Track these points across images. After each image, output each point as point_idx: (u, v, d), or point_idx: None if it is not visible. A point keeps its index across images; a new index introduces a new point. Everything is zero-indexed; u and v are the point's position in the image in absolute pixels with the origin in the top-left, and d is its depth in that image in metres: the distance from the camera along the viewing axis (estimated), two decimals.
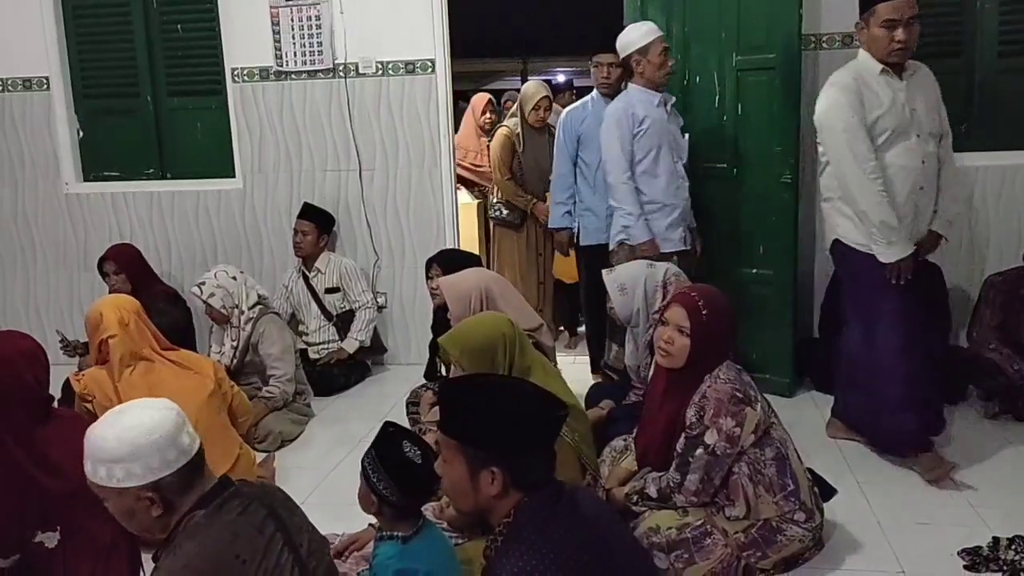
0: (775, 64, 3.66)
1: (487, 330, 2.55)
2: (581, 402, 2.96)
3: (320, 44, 4.38)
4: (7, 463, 2.02)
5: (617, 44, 3.58)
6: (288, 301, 4.48)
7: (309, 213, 4.42)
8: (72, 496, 1.75)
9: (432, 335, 3.81)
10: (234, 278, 3.79)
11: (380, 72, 4.41)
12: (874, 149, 2.94)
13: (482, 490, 1.60)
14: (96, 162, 4.87)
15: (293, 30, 4.39)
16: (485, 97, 5.52)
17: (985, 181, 4.03)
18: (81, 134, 4.85)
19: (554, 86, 8.01)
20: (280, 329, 3.83)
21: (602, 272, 3.21)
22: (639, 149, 3.49)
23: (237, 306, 3.76)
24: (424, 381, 3.76)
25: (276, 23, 4.40)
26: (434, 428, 2.92)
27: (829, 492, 2.64)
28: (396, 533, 1.92)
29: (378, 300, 4.58)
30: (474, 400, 1.65)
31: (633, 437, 2.75)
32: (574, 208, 4.17)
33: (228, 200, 4.70)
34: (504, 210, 4.80)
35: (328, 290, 4.43)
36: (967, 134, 3.94)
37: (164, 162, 4.84)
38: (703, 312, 2.44)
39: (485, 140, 5.32)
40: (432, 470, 1.92)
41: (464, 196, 5.21)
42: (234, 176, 4.70)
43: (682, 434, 2.43)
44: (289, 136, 4.56)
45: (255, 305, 3.80)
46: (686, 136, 3.68)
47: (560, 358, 3.58)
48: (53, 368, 2.22)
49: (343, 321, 4.43)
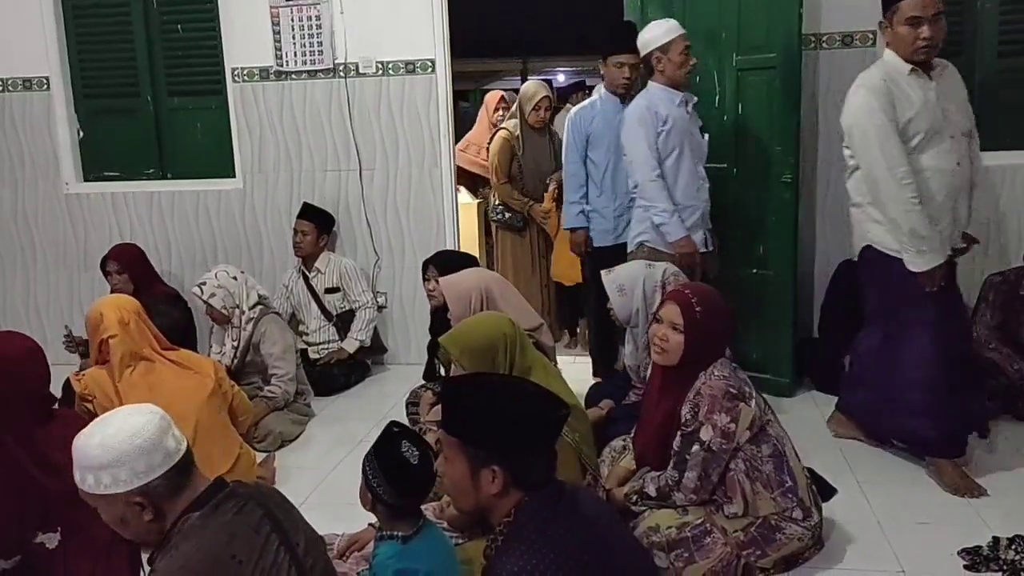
0: (775, 64, 3.65)
1: (488, 330, 2.56)
2: (581, 402, 2.96)
3: (320, 44, 4.38)
4: (8, 463, 2.02)
5: (638, 42, 3.49)
6: (288, 301, 4.48)
7: (309, 213, 4.42)
8: (72, 496, 1.74)
9: (430, 336, 3.81)
10: (235, 278, 3.79)
11: (380, 72, 4.41)
12: (907, 152, 2.82)
13: (483, 489, 1.61)
14: (96, 162, 4.88)
15: (293, 30, 4.39)
16: (498, 94, 5.45)
17: (985, 181, 4.01)
18: (81, 134, 4.85)
19: (563, 87, 8.00)
20: (281, 329, 3.83)
21: (601, 273, 3.21)
22: (662, 149, 3.39)
23: (238, 306, 3.76)
24: (423, 382, 3.76)
25: (276, 23, 4.40)
26: (434, 428, 2.94)
27: (829, 492, 2.64)
28: (396, 533, 1.92)
29: (378, 300, 4.59)
30: (476, 399, 1.66)
31: (631, 437, 2.76)
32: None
33: (228, 200, 4.71)
34: (505, 212, 4.76)
35: (328, 290, 4.43)
36: None
37: (164, 162, 4.85)
38: (697, 309, 2.45)
39: None
40: (429, 471, 1.92)
41: (464, 196, 5.20)
42: (234, 176, 4.70)
43: (678, 432, 2.43)
44: (289, 136, 4.56)
45: (256, 305, 3.80)
46: (706, 136, 3.59)
47: (560, 358, 3.58)
48: (53, 368, 2.22)
49: (343, 321, 4.43)
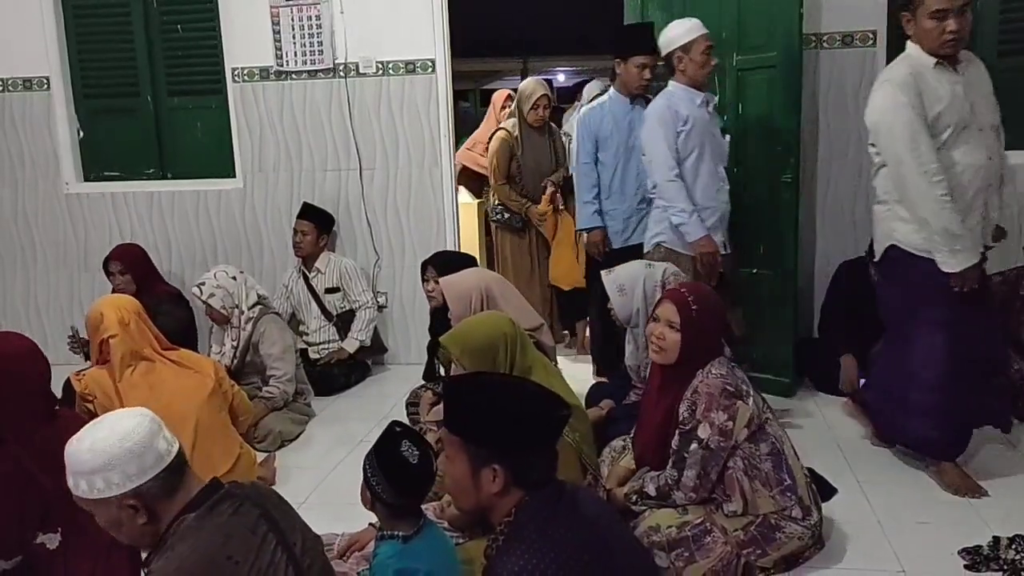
0: (776, 63, 3.66)
1: (488, 329, 2.56)
2: (582, 402, 2.96)
3: (320, 44, 4.38)
4: (8, 463, 2.02)
5: (659, 41, 3.46)
6: (288, 301, 4.48)
7: (309, 213, 4.42)
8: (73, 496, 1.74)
9: (430, 336, 3.80)
10: (234, 278, 3.79)
11: (380, 72, 4.41)
12: (936, 148, 2.74)
13: (483, 488, 1.61)
14: (96, 162, 4.88)
15: (293, 30, 4.39)
16: (505, 92, 5.39)
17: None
18: (81, 134, 4.85)
19: (568, 86, 7.94)
20: (280, 329, 3.83)
21: (601, 273, 3.21)
22: (682, 149, 3.36)
23: (237, 306, 3.76)
24: (423, 382, 3.76)
25: (276, 23, 4.40)
26: (434, 428, 2.94)
27: (829, 491, 2.64)
28: (397, 532, 1.92)
29: (378, 300, 4.59)
30: (478, 397, 1.66)
31: (631, 436, 2.76)
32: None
33: (228, 200, 4.71)
34: (505, 213, 4.72)
35: (328, 290, 4.43)
36: None
37: (164, 162, 4.85)
38: (693, 308, 2.46)
39: None
40: (429, 470, 1.93)
41: (464, 196, 5.19)
42: (234, 176, 4.70)
43: (676, 430, 2.44)
44: (289, 136, 4.56)
45: (255, 305, 3.80)
46: (727, 137, 3.56)
47: (561, 358, 3.58)
48: (53, 368, 2.22)
49: (343, 321, 4.43)
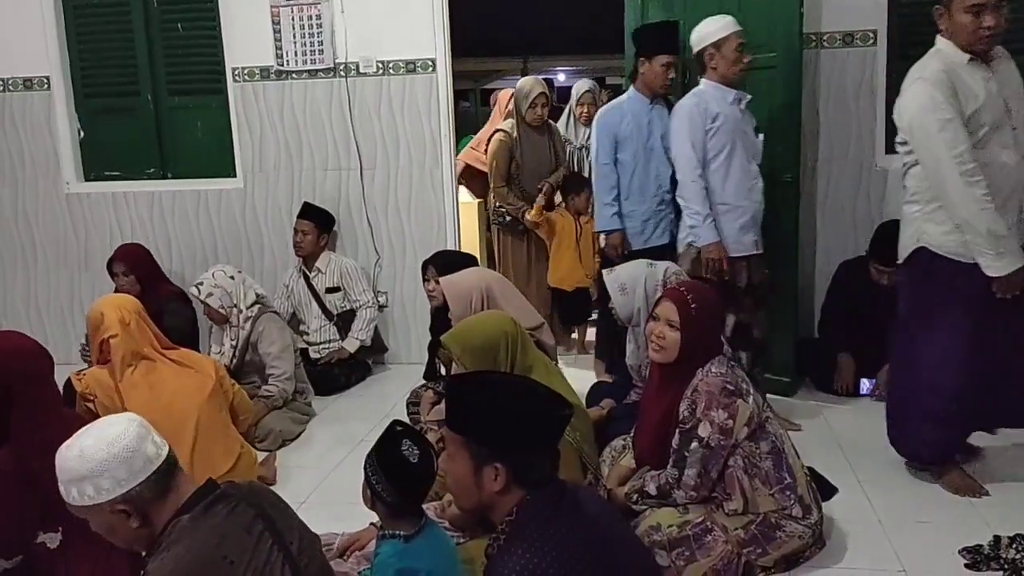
0: (776, 63, 3.65)
1: (489, 329, 2.56)
2: (583, 401, 2.96)
3: (321, 43, 4.38)
4: (9, 463, 2.02)
5: (692, 38, 3.41)
6: (289, 301, 4.48)
7: (309, 213, 4.42)
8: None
9: (431, 336, 3.80)
10: (232, 278, 3.79)
11: (381, 71, 4.41)
12: (972, 147, 2.65)
13: (485, 486, 1.61)
14: (97, 162, 4.87)
15: (294, 29, 4.39)
16: (510, 92, 5.43)
17: None
18: (82, 134, 4.85)
19: (569, 87, 7.92)
20: (279, 328, 3.82)
21: (602, 272, 3.21)
22: (711, 147, 3.31)
23: (235, 305, 3.76)
24: (424, 381, 3.76)
25: (277, 22, 4.40)
26: (435, 428, 2.94)
27: (830, 491, 2.65)
28: (398, 532, 1.92)
29: (379, 299, 4.58)
30: (480, 396, 1.66)
31: (631, 436, 2.76)
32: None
33: (229, 200, 4.70)
34: (506, 216, 4.68)
35: (329, 289, 4.43)
36: None
37: (165, 162, 4.84)
38: (692, 306, 2.46)
39: None
40: (429, 470, 1.92)
41: (464, 195, 5.19)
42: (235, 175, 4.70)
43: (676, 429, 2.44)
44: (290, 135, 4.56)
45: (253, 304, 3.80)
46: (760, 136, 3.47)
47: (560, 358, 3.58)
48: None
49: (344, 320, 4.43)
